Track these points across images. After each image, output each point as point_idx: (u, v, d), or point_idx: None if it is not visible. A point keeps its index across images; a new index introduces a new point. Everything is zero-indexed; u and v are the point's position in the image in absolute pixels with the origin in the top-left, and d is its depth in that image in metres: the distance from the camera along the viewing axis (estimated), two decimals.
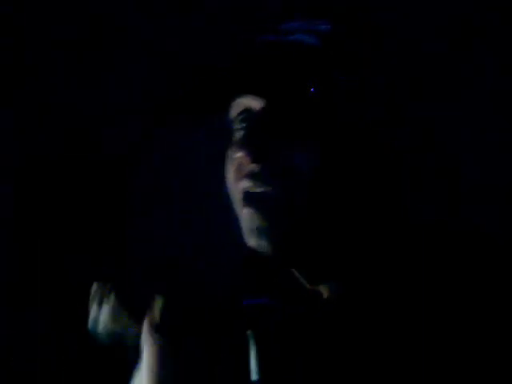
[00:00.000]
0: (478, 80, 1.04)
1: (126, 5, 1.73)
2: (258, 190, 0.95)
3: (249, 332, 0.86)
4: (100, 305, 0.89)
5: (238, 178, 0.98)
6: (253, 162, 0.95)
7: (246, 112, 0.99)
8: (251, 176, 0.96)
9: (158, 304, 0.86)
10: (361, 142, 0.96)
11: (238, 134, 1.00)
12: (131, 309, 0.87)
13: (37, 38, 1.72)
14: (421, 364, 0.87)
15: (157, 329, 0.86)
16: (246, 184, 0.96)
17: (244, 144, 0.96)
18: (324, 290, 0.99)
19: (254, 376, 0.85)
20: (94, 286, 0.93)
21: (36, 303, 1.71)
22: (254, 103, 0.98)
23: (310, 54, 0.96)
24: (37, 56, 1.73)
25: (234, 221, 0.99)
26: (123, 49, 1.73)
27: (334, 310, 0.96)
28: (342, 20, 0.98)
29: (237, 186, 0.98)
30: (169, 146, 1.71)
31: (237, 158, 0.97)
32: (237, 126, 1.01)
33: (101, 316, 0.87)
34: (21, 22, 1.71)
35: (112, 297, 0.90)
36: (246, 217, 0.97)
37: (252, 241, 0.96)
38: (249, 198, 0.96)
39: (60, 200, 1.74)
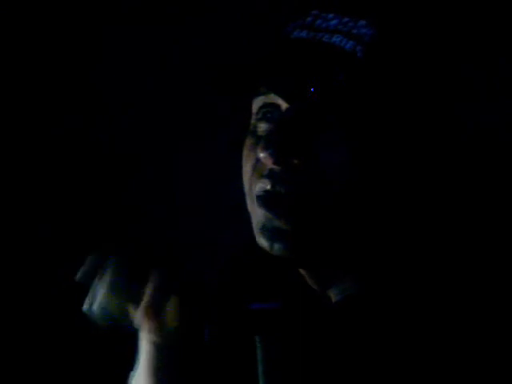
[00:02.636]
0: (478, 80, 1.04)
1: (126, 6, 1.73)
2: (277, 190, 0.92)
3: (256, 337, 0.85)
4: (95, 286, 0.85)
5: (256, 176, 0.95)
6: (275, 163, 0.92)
7: (271, 108, 0.96)
8: (271, 177, 0.93)
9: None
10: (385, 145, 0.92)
11: (260, 131, 0.97)
12: (126, 296, 0.85)
13: (38, 38, 1.72)
14: (432, 368, 0.86)
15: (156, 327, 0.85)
16: (264, 184, 0.93)
17: (267, 144, 0.92)
18: (332, 294, 0.99)
19: (260, 381, 0.84)
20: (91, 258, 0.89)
21: (36, 303, 1.71)
22: (280, 101, 0.94)
23: (347, 62, 0.91)
24: (38, 56, 1.73)
25: (237, 220, 0.97)
26: (123, 49, 1.73)
27: (342, 315, 0.95)
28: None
29: (254, 184, 0.95)
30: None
31: (256, 156, 0.94)
32: (258, 120, 0.97)
33: (96, 297, 0.84)
34: (21, 22, 1.71)
35: (107, 279, 0.86)
36: (261, 216, 0.94)
37: (263, 241, 0.93)
38: (266, 198, 0.93)
39: (60, 200, 1.74)
